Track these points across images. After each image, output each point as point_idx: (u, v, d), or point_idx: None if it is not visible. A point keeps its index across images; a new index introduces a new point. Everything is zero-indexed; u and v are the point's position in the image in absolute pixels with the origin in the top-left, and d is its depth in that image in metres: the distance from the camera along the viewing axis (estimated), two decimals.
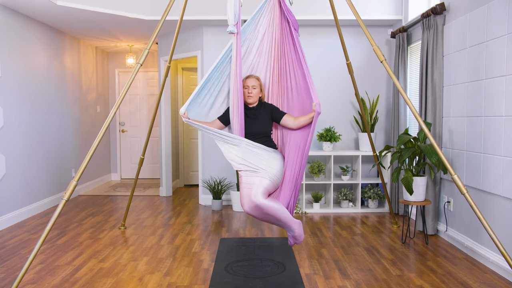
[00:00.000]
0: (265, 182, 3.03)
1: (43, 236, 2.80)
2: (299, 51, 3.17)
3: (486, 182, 3.42)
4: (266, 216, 3.02)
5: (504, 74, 3.17)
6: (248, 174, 3.06)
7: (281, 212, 2.99)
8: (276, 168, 3.11)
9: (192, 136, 7.36)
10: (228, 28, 3.13)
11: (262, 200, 2.94)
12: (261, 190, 2.98)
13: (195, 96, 3.21)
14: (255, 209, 2.98)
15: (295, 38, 3.20)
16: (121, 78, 8.08)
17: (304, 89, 3.21)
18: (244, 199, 3.01)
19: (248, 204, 2.98)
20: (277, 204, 2.99)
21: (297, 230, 3.12)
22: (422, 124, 3.08)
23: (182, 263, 3.51)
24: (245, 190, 3.02)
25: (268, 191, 3.06)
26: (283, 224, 3.08)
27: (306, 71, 3.12)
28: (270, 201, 2.98)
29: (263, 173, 3.05)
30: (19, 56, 5.01)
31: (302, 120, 3.17)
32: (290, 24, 3.22)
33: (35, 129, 5.34)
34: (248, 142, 3.10)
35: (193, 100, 3.21)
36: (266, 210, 2.96)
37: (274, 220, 3.06)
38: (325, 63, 5.67)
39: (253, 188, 2.99)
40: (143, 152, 4.60)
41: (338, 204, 5.57)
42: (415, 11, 4.97)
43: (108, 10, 4.96)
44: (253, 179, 3.03)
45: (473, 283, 3.07)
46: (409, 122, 4.99)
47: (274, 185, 3.11)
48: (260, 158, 3.10)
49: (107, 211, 5.41)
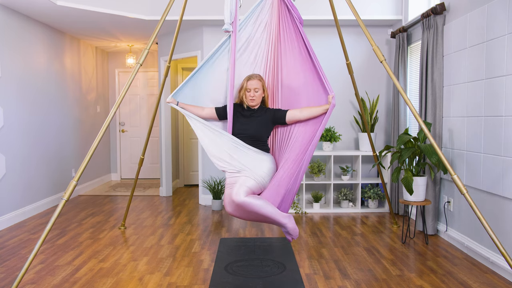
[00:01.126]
0: (249, 181, 2.93)
1: (43, 236, 2.80)
2: (308, 46, 3.16)
3: (486, 182, 3.42)
4: (251, 214, 2.92)
5: (504, 74, 3.17)
6: (233, 174, 2.98)
7: (266, 208, 2.87)
8: (263, 170, 3.02)
9: (192, 136, 7.36)
10: (223, 27, 3.13)
11: (243, 198, 2.82)
12: (243, 189, 2.87)
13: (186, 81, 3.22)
14: (237, 209, 2.88)
15: (302, 32, 3.18)
16: (121, 78, 8.08)
17: (314, 83, 3.18)
18: (226, 200, 2.93)
19: (230, 205, 2.89)
20: (260, 200, 2.87)
21: (288, 224, 2.99)
22: (422, 124, 3.08)
23: (182, 263, 3.51)
24: (227, 190, 2.93)
25: (252, 191, 2.94)
26: (272, 220, 2.96)
27: (317, 64, 3.11)
28: (251, 198, 2.85)
29: (248, 173, 2.96)
30: (19, 56, 5.01)
31: (313, 111, 3.11)
32: (296, 19, 3.20)
33: (35, 129, 5.34)
34: (232, 139, 3.04)
35: (184, 85, 3.22)
36: (249, 208, 2.84)
37: (261, 217, 2.94)
38: (325, 63, 5.64)
39: (234, 188, 2.89)
40: (143, 152, 4.60)
41: (338, 204, 5.57)
42: (415, 11, 4.97)
43: (108, 10, 4.96)
44: (236, 179, 2.95)
45: (473, 283, 3.07)
46: (409, 122, 4.99)
47: (259, 186, 3.00)
48: (246, 155, 3.02)
49: (107, 211, 5.41)
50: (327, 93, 3.12)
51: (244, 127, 3.15)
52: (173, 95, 3.21)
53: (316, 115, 3.11)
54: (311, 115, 3.12)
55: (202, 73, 3.26)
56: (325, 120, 3.03)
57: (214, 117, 3.26)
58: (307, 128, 3.16)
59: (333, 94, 3.03)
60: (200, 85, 3.28)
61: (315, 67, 3.16)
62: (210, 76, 3.28)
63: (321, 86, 3.17)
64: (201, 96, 3.30)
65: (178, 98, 3.24)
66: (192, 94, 3.27)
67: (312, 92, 3.21)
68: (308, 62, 3.21)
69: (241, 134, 3.13)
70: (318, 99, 3.20)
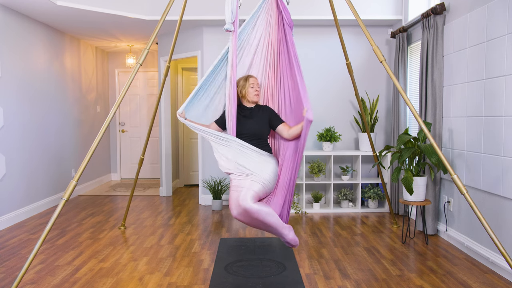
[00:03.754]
0: (255, 186, 2.91)
1: (43, 236, 2.80)
2: (292, 51, 3.03)
3: (486, 182, 3.42)
4: (254, 221, 2.91)
5: (504, 74, 3.17)
6: (238, 177, 2.95)
7: (271, 217, 2.86)
8: (269, 173, 3.01)
9: (192, 136, 7.36)
10: (225, 26, 3.13)
11: (250, 204, 2.81)
12: (251, 194, 2.86)
13: (192, 97, 3.21)
14: (243, 213, 2.86)
15: (289, 36, 3.09)
16: (121, 78, 8.08)
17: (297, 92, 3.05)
18: (232, 203, 2.89)
19: (236, 209, 2.87)
20: (267, 208, 2.86)
21: (288, 235, 3.00)
22: (422, 124, 3.08)
23: (182, 263, 3.51)
24: (233, 193, 2.89)
25: (259, 195, 2.93)
26: (273, 230, 2.96)
27: (298, 72, 2.92)
28: (259, 205, 2.85)
29: (254, 177, 2.94)
30: (19, 56, 5.01)
31: (295, 131, 3.04)
32: (285, 22, 3.13)
33: (35, 129, 5.34)
34: (239, 142, 3.02)
35: (190, 101, 3.21)
36: (254, 215, 2.83)
37: (264, 226, 2.94)
38: (324, 63, 5.67)
39: (241, 192, 2.86)
40: (143, 152, 4.60)
41: (338, 204, 5.57)
42: (415, 11, 4.97)
43: (108, 10, 4.96)
44: (243, 182, 2.92)
45: (473, 283, 3.07)
46: (409, 122, 4.99)
47: (266, 190, 2.99)
48: (252, 161, 3.00)
49: (107, 211, 5.41)
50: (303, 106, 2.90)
51: (246, 126, 3.17)
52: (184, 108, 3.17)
53: (298, 135, 3.02)
54: (293, 136, 3.08)
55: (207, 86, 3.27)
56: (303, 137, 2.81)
57: (218, 130, 3.27)
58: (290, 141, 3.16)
59: (309, 107, 2.71)
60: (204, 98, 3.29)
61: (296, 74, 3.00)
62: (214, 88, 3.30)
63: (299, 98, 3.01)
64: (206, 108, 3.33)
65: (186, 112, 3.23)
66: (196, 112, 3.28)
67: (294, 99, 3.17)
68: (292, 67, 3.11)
69: (244, 134, 3.15)
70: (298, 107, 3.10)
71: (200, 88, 3.22)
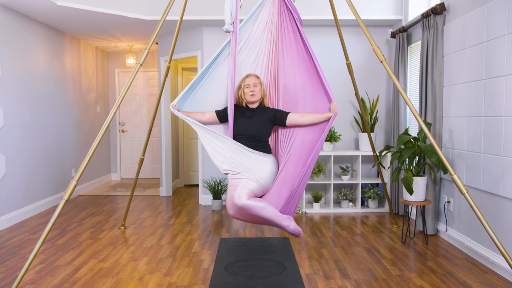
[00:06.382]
0: (251, 184, 2.92)
1: (43, 236, 2.80)
2: (308, 48, 3.15)
3: (486, 182, 3.42)
4: (252, 217, 2.92)
5: (504, 74, 3.17)
6: (235, 176, 2.97)
7: (267, 211, 2.86)
8: (266, 172, 3.02)
9: (192, 136, 7.36)
10: (224, 26, 3.13)
11: (245, 201, 2.81)
12: (246, 192, 2.86)
13: (187, 90, 3.20)
14: (239, 211, 2.87)
15: (302, 34, 3.18)
16: (121, 78, 8.08)
17: (311, 86, 3.16)
18: (228, 202, 2.92)
19: (232, 208, 2.89)
20: (261, 203, 2.87)
21: (289, 226, 3.01)
22: (422, 124, 3.08)
23: (182, 263, 3.51)
24: (229, 192, 2.92)
25: (254, 193, 2.94)
26: (273, 223, 2.96)
27: (319, 68, 3.09)
28: (253, 201, 2.85)
29: (250, 175, 2.96)
30: (19, 56, 5.01)
31: (314, 117, 3.08)
32: (296, 20, 3.19)
33: (35, 129, 5.34)
34: (234, 143, 3.02)
35: (185, 94, 3.20)
36: (251, 211, 2.84)
37: (262, 220, 2.95)
38: (325, 63, 5.65)
39: (236, 190, 2.87)
40: (143, 152, 4.60)
41: (338, 204, 5.57)
42: (415, 11, 4.97)
43: (108, 10, 4.96)
44: (239, 180, 2.94)
45: (473, 283, 3.07)
46: (409, 122, 4.99)
47: (261, 188, 3.00)
48: (249, 158, 3.01)
49: (107, 211, 5.41)
50: (327, 100, 3.11)
51: (245, 127, 3.14)
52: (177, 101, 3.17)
53: (317, 122, 3.09)
54: (311, 121, 3.10)
55: (203, 79, 3.25)
56: (327, 128, 3.02)
57: (215, 121, 3.25)
58: (307, 132, 3.14)
59: (336, 102, 3.00)
60: (201, 91, 3.28)
61: (316, 71, 3.13)
62: (211, 81, 3.27)
63: (321, 91, 3.14)
64: (202, 101, 3.30)
65: (181, 104, 3.22)
66: (193, 100, 3.27)
67: (309, 96, 3.19)
68: (307, 64, 3.19)
69: (242, 135, 3.13)
70: (313, 103, 3.17)
71: (194, 82, 3.21)
